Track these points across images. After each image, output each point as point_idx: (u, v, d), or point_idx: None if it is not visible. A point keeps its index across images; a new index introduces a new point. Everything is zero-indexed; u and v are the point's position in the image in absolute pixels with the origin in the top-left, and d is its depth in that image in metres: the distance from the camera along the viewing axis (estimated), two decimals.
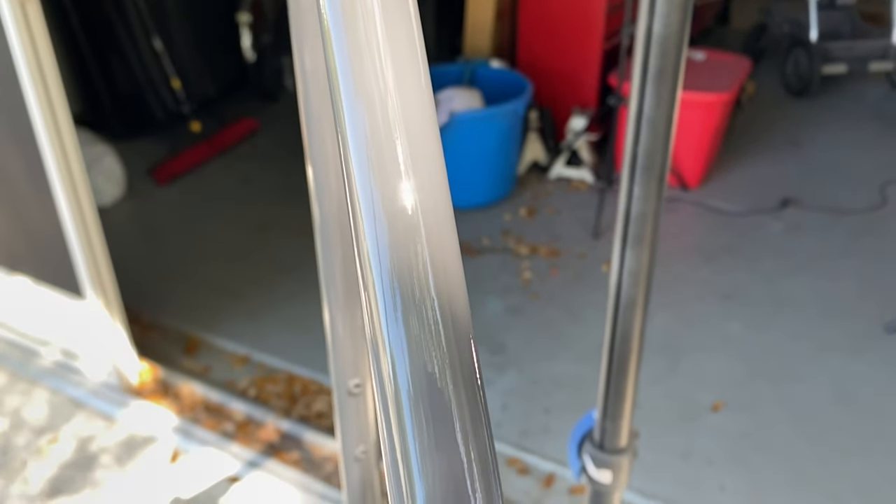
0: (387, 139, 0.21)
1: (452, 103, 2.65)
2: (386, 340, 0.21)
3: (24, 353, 2.21)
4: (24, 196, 1.94)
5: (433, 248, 0.21)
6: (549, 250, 2.65)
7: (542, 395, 2.04)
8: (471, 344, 0.22)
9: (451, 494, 0.21)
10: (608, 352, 0.69)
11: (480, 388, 0.22)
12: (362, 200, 0.21)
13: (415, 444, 0.21)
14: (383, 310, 0.21)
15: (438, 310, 0.21)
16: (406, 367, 0.21)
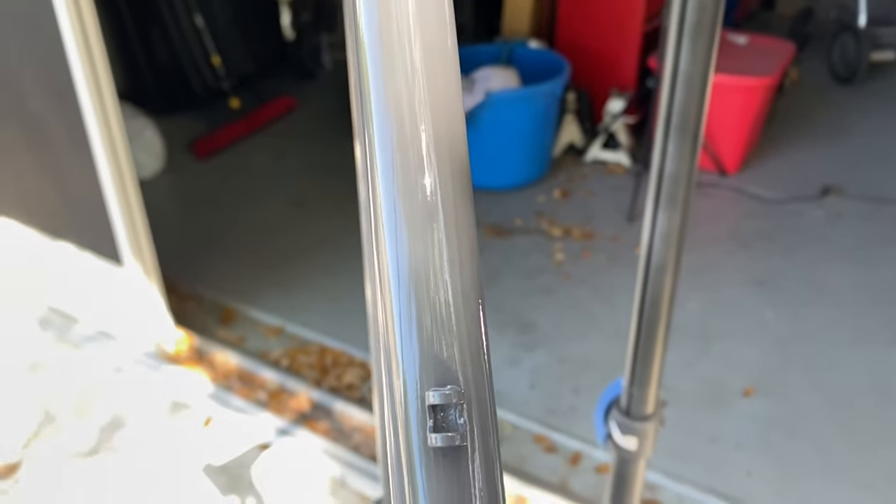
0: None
1: (489, 82, 2.64)
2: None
3: (65, 318, 2.27)
4: (68, 166, 1.99)
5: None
6: (583, 232, 2.64)
7: (571, 375, 2.04)
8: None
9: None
10: (637, 316, 0.69)
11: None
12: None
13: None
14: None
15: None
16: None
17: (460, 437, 0.20)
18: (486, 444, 0.21)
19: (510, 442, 1.85)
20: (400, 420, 0.21)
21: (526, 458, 1.81)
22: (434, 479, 0.21)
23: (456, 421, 0.21)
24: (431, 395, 0.20)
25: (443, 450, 0.21)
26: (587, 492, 1.72)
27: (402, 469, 0.21)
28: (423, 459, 0.21)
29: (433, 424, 0.21)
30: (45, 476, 1.78)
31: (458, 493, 0.21)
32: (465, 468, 0.21)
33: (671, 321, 0.70)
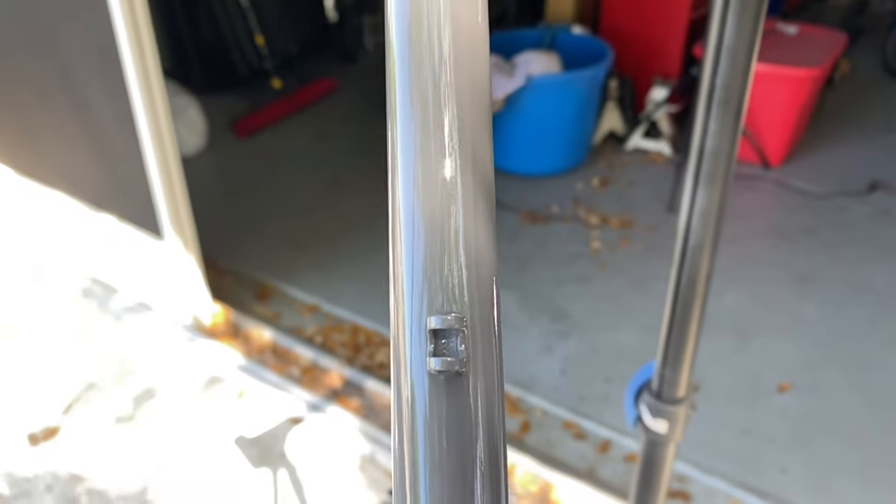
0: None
1: (530, 67, 2.62)
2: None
3: (106, 289, 2.33)
4: (114, 141, 2.03)
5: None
6: (621, 221, 2.61)
7: (604, 364, 2.03)
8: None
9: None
10: (672, 296, 0.69)
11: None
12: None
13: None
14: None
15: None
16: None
17: (459, 363, 0.20)
18: (488, 374, 0.21)
19: (539, 427, 1.85)
20: (403, 344, 0.21)
21: (555, 443, 1.81)
22: (431, 404, 0.21)
23: (456, 348, 0.21)
24: (433, 319, 0.20)
25: (442, 375, 0.21)
26: (615, 480, 1.71)
27: (402, 393, 0.21)
28: (422, 383, 0.21)
29: (433, 349, 0.21)
30: (83, 441, 1.83)
31: (455, 419, 0.21)
32: (464, 395, 0.21)
33: (706, 302, 0.69)
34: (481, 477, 0.21)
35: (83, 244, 2.38)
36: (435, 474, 0.21)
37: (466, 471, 0.21)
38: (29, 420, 1.89)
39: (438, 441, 0.21)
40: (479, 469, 0.21)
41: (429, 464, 0.21)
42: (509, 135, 2.79)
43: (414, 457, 0.21)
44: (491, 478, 0.21)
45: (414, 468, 0.21)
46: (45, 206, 2.39)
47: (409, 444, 0.21)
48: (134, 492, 1.70)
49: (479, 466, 0.21)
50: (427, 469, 0.21)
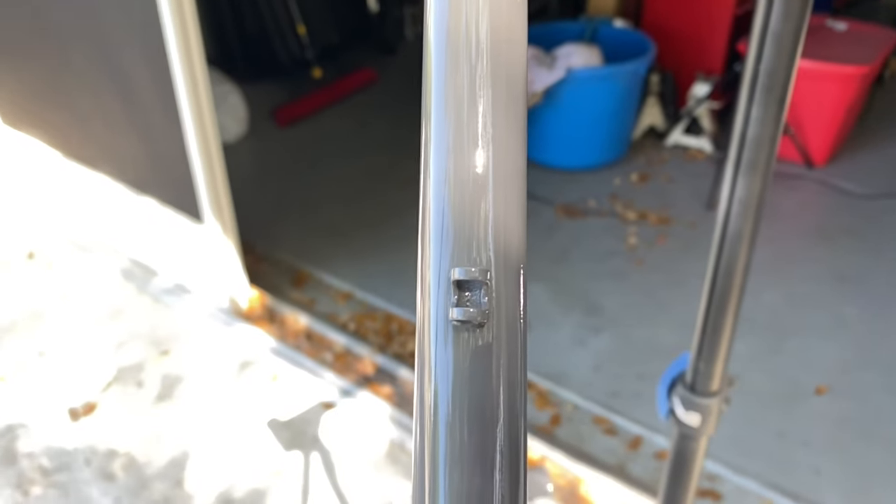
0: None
1: (571, 59, 2.60)
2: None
3: (146, 271, 2.37)
4: (156, 124, 2.07)
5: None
6: (659, 218, 2.59)
7: (637, 361, 2.02)
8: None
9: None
10: (709, 286, 0.68)
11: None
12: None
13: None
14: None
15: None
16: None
17: (481, 315, 0.21)
18: (510, 328, 0.21)
19: (569, 421, 1.85)
20: (427, 294, 0.22)
21: (585, 438, 1.80)
22: (451, 354, 0.21)
23: (480, 300, 0.21)
24: (457, 271, 0.21)
25: (463, 326, 0.21)
26: (645, 477, 1.70)
27: (424, 342, 0.22)
28: (443, 333, 0.21)
29: (456, 300, 0.21)
30: (120, 417, 1.87)
31: (474, 371, 0.21)
32: (484, 348, 0.21)
33: (744, 294, 0.68)
34: (501, 425, 0.21)
35: (125, 226, 2.43)
36: (455, 422, 0.21)
37: (486, 418, 0.21)
38: (69, 396, 1.94)
39: (457, 390, 0.21)
40: (499, 417, 0.21)
41: (447, 412, 0.21)
42: (547, 128, 2.78)
43: (435, 405, 0.21)
44: (510, 427, 0.21)
45: (434, 417, 0.21)
46: (89, 188, 2.45)
47: (428, 392, 0.21)
48: (169, 468, 1.74)
49: (499, 416, 0.21)
50: (446, 417, 0.21)
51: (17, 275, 2.39)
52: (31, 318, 2.21)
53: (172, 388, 1.95)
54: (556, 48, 2.72)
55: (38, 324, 2.19)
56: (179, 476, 1.72)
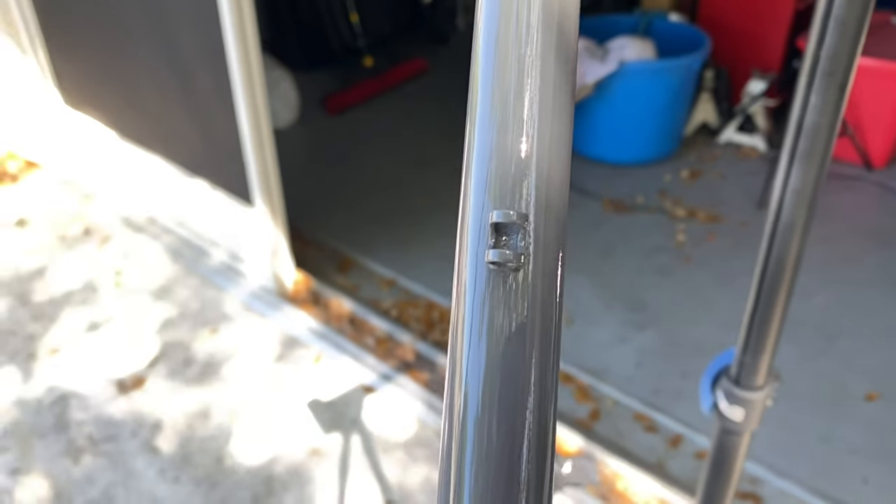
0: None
1: (624, 52, 2.57)
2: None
3: (196, 251, 2.42)
4: (210, 108, 2.10)
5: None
6: (708, 215, 2.54)
7: (681, 359, 1.99)
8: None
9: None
10: (759, 277, 0.67)
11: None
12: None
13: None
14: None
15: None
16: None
17: (517, 258, 0.21)
18: (547, 275, 0.21)
19: (609, 416, 1.83)
20: (466, 236, 0.22)
21: (624, 434, 1.78)
22: (485, 296, 0.21)
23: (517, 244, 0.21)
24: (495, 213, 0.21)
25: (498, 269, 0.21)
26: (684, 476, 1.67)
27: (460, 282, 0.22)
28: (478, 274, 0.21)
29: (493, 242, 0.21)
30: (167, 391, 1.92)
31: (507, 313, 0.21)
32: (518, 291, 0.21)
33: (794, 286, 0.66)
34: (532, 365, 0.21)
35: (177, 207, 2.48)
36: (485, 361, 0.21)
37: (517, 360, 0.21)
38: (118, 369, 1.99)
39: (489, 332, 0.21)
40: (531, 357, 0.21)
41: (476, 353, 0.21)
42: (597, 121, 2.75)
43: (468, 345, 0.21)
44: (541, 369, 0.21)
45: (466, 359, 0.21)
46: (144, 168, 2.51)
47: (461, 333, 0.22)
48: (211, 442, 1.78)
49: (531, 358, 0.21)
50: (475, 356, 0.21)
51: (73, 250, 2.47)
52: (85, 292, 2.28)
53: (218, 366, 2.00)
54: (609, 41, 2.69)
55: (91, 297, 2.25)
56: (221, 451, 1.76)
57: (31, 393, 1.93)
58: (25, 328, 2.15)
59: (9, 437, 1.82)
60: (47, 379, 1.97)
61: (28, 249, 2.48)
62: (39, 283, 2.32)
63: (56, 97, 2.68)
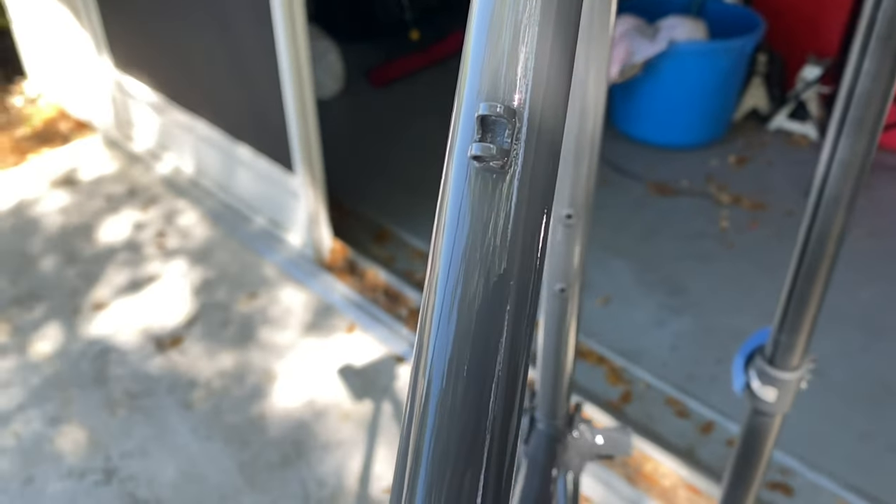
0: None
1: (674, 32, 2.51)
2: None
3: (237, 216, 2.45)
4: (256, 76, 2.12)
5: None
6: (754, 203, 2.49)
7: (717, 346, 1.96)
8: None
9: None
10: (799, 252, 0.65)
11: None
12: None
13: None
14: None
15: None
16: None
17: (500, 154, 0.20)
18: (534, 180, 0.20)
19: (641, 399, 1.81)
20: (456, 131, 0.21)
21: (655, 418, 1.76)
22: (464, 192, 0.20)
23: (503, 140, 0.20)
24: (482, 105, 0.20)
25: (480, 163, 0.20)
26: (714, 462, 1.65)
27: (447, 179, 0.21)
28: (460, 168, 0.21)
29: (479, 137, 0.20)
30: (203, 352, 1.96)
31: (487, 215, 0.20)
32: (501, 193, 0.20)
33: (836, 263, 0.64)
34: (510, 274, 0.20)
35: (220, 171, 2.51)
36: (462, 260, 0.20)
37: (490, 261, 0.20)
38: (157, 327, 2.04)
39: (469, 231, 0.20)
40: (511, 264, 0.20)
41: (452, 252, 0.20)
42: (644, 101, 2.70)
43: (444, 246, 0.21)
44: (519, 280, 0.20)
45: (443, 255, 0.21)
46: (189, 132, 2.54)
47: (440, 232, 0.21)
48: (243, 403, 1.81)
49: (511, 265, 0.20)
50: (450, 255, 0.20)
51: (118, 210, 2.52)
52: (128, 251, 2.32)
53: (253, 329, 2.03)
54: (660, 20, 2.63)
55: (133, 257, 2.30)
56: (253, 412, 1.79)
57: (73, 346, 1.99)
58: (71, 284, 2.20)
59: (51, 387, 1.87)
60: (89, 333, 2.03)
61: (76, 208, 2.54)
62: (85, 241, 2.38)
63: (107, 60, 2.73)
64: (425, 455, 0.20)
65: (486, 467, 0.20)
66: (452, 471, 0.20)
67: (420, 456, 0.20)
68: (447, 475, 0.20)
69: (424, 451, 0.20)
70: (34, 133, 2.98)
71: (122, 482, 1.64)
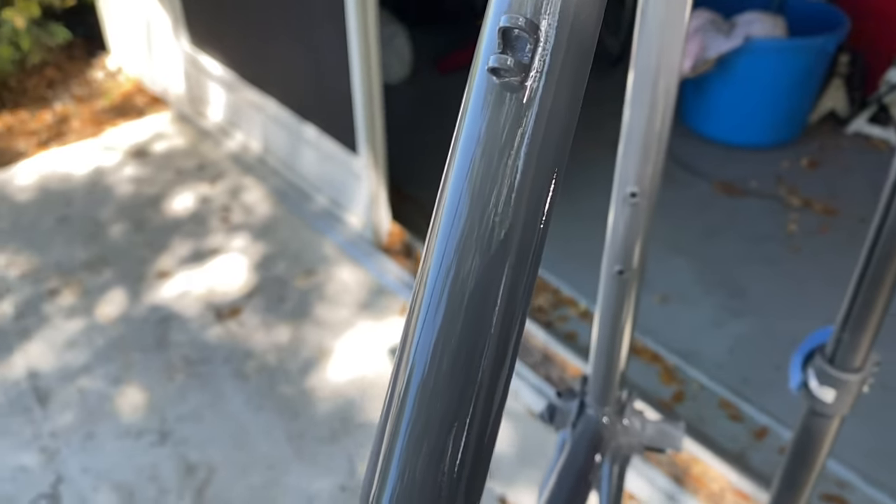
0: None
1: (751, 27, 2.44)
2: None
3: (300, 194, 2.49)
4: (326, 57, 2.14)
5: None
6: (825, 208, 2.40)
7: (776, 351, 1.90)
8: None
9: None
10: (869, 246, 0.62)
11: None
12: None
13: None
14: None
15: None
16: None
17: (518, 69, 0.19)
18: (554, 103, 0.19)
19: (693, 400, 1.78)
20: (481, 45, 0.21)
21: (707, 420, 1.73)
22: (482, 106, 0.20)
23: (523, 55, 0.19)
24: (503, 17, 0.19)
25: (497, 77, 0.19)
26: (766, 469, 1.61)
27: (468, 93, 0.21)
28: (480, 81, 0.20)
29: (500, 50, 0.19)
30: (259, 324, 2.00)
31: (502, 132, 0.20)
32: (517, 111, 0.19)
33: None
34: (521, 194, 0.20)
35: (285, 150, 2.55)
36: (477, 174, 0.20)
37: (502, 179, 0.20)
38: (218, 298, 2.09)
39: (484, 145, 0.20)
40: (522, 184, 0.20)
41: (469, 164, 0.20)
42: (715, 98, 2.63)
43: (460, 157, 0.20)
44: (529, 201, 0.20)
45: (457, 166, 0.20)
46: (258, 110, 2.59)
47: (459, 144, 0.21)
48: (296, 376, 1.84)
49: (522, 185, 0.20)
50: (471, 168, 0.20)
51: (186, 183, 2.59)
52: (194, 223, 2.39)
53: (310, 305, 2.06)
54: (738, 15, 2.55)
55: (199, 229, 2.36)
56: (304, 386, 1.82)
57: (137, 311, 2.06)
58: (138, 251, 2.28)
59: (114, 349, 1.94)
60: (153, 300, 2.09)
61: (147, 180, 2.62)
62: (154, 212, 2.45)
63: (184, 37, 2.80)
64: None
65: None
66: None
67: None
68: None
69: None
70: (112, 106, 3.09)
71: (175, 444, 1.69)
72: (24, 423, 1.75)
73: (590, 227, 1.54)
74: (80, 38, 3.41)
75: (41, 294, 2.12)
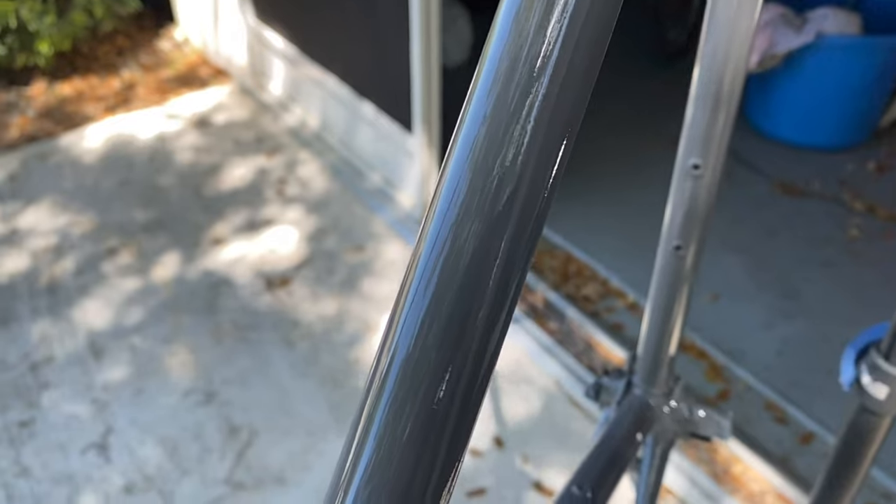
0: None
1: (824, 23, 2.36)
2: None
3: (354, 172, 2.52)
4: (387, 37, 2.15)
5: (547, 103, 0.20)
6: (890, 214, 2.32)
7: (828, 356, 1.85)
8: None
9: None
10: None
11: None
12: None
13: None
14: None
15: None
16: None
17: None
18: (591, 7, 0.20)
19: (739, 400, 1.75)
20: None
21: (752, 421, 1.70)
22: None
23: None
24: None
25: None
26: (810, 475, 1.57)
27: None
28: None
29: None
30: (308, 295, 2.03)
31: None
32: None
33: None
34: (545, 103, 0.20)
35: (342, 126, 2.58)
36: (502, 76, 0.20)
37: (526, 86, 0.20)
38: (269, 267, 2.13)
39: (513, 42, 0.20)
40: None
41: (497, 64, 0.21)
42: (780, 95, 2.56)
43: (495, 53, 0.21)
44: (557, 110, 0.20)
45: (489, 67, 0.21)
46: (317, 86, 2.62)
47: (492, 40, 0.21)
48: (340, 347, 1.87)
49: (539, 87, 0.20)
50: (494, 69, 0.21)
51: (245, 155, 2.64)
52: (250, 194, 2.43)
53: (358, 280, 2.08)
54: (811, 10, 2.48)
55: (254, 199, 2.41)
56: (348, 357, 1.85)
57: (190, 275, 2.11)
58: (195, 217, 2.33)
59: (166, 310, 2.00)
60: (206, 265, 2.14)
61: (206, 149, 2.68)
62: (212, 180, 2.51)
63: (249, 11, 2.84)
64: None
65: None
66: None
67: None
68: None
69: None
70: (177, 76, 3.16)
71: (220, 406, 1.74)
72: (79, 375, 1.81)
73: (646, 221, 1.51)
74: (149, 8, 3.49)
75: (100, 253, 2.19)
